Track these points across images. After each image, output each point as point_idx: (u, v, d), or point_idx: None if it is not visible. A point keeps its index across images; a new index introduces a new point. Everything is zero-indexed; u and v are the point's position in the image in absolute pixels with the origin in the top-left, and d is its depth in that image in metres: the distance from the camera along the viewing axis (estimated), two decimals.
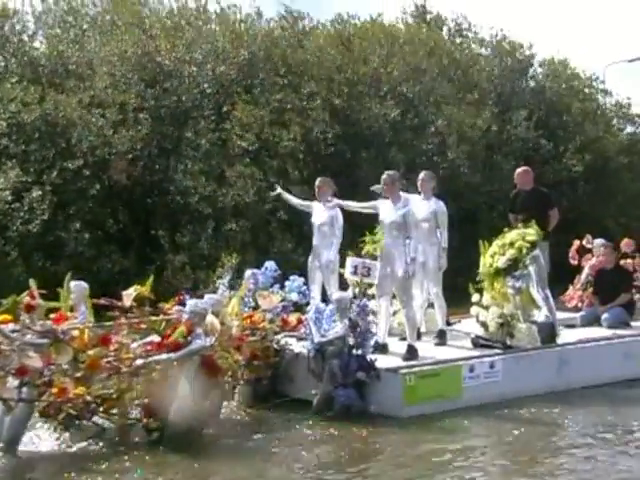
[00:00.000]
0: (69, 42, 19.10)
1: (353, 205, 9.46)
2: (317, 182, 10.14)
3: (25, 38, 19.45)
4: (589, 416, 8.24)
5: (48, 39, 19.66)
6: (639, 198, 25.98)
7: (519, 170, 10.98)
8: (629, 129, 27.41)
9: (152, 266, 16.32)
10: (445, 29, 25.63)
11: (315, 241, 9.85)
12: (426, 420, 7.87)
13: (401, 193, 8.83)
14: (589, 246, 12.18)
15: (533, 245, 9.06)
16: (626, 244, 12.31)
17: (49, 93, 17.30)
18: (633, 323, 10.62)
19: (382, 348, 8.74)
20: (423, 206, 9.33)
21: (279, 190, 10.86)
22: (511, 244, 9.07)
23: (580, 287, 11.79)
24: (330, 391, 7.97)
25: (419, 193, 9.56)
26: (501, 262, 8.99)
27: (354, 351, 8.14)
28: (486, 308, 9.06)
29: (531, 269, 8.98)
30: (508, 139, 22.69)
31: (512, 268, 8.94)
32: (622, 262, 11.71)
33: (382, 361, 8.29)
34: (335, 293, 8.83)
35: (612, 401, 8.62)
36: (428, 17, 25.63)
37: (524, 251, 8.96)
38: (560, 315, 10.56)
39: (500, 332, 8.87)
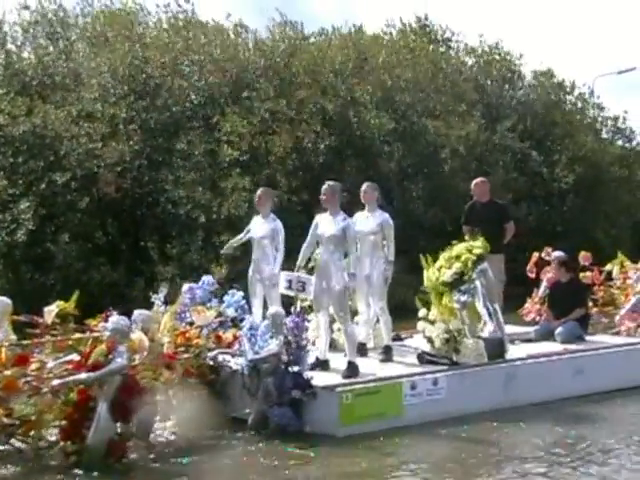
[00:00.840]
0: (57, 53, 19.03)
1: None
2: (258, 192, 9.77)
3: (13, 49, 19.37)
4: (532, 433, 7.98)
5: (36, 50, 19.58)
6: (630, 210, 26.08)
7: (476, 181, 10.81)
8: (620, 142, 27.51)
9: (141, 277, 16.22)
10: (433, 39, 25.66)
11: (255, 255, 9.48)
12: (364, 439, 7.59)
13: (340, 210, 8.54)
14: (548, 259, 11.88)
15: (480, 258, 8.83)
16: (584, 257, 12.14)
17: (37, 105, 17.21)
18: (588, 338, 10.39)
19: (323, 365, 8.47)
20: (368, 219, 9.08)
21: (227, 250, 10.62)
22: (457, 257, 8.87)
23: (538, 300, 11.63)
24: (265, 410, 7.73)
25: (380, 206, 9.31)
26: (447, 276, 8.78)
27: (290, 368, 7.89)
28: (432, 323, 8.81)
29: (478, 283, 8.72)
30: (496, 150, 22.71)
31: (458, 282, 8.73)
32: (582, 275, 11.60)
33: (321, 378, 8.02)
34: (271, 308, 8.51)
35: (557, 418, 8.38)
36: (416, 27, 25.65)
37: (470, 264, 8.74)
38: (518, 329, 10.62)
39: (446, 348, 8.64)
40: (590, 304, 11.34)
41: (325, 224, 8.40)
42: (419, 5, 30.13)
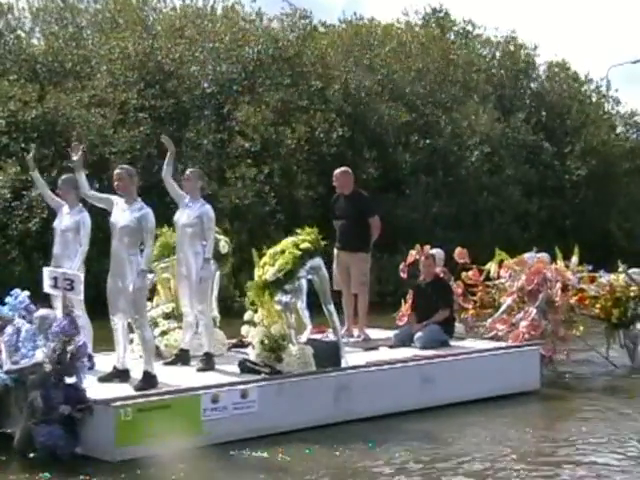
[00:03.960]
0: (67, 40, 18.95)
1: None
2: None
3: (22, 35, 19.28)
4: (349, 453, 6.73)
5: (46, 36, 19.49)
6: None
7: (337, 171, 9.68)
8: (633, 134, 27.31)
9: None
10: (450, 30, 25.49)
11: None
12: (148, 463, 6.32)
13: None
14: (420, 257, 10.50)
15: (309, 254, 7.72)
16: (459, 254, 10.66)
17: (48, 92, 17.15)
18: (454, 342, 9.27)
19: (122, 375, 7.31)
20: (188, 209, 7.96)
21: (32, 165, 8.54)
22: (282, 253, 7.71)
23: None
24: (31, 428, 6.45)
25: (204, 197, 8.12)
26: (269, 274, 7.63)
27: (63, 380, 6.65)
28: (261, 326, 7.82)
29: (303, 282, 7.71)
30: (509, 142, 22.56)
31: (282, 281, 7.63)
32: (463, 274, 10.44)
33: (108, 391, 6.83)
34: (40, 310, 7.26)
35: (384, 433, 7.25)
36: (434, 19, 25.49)
37: (295, 261, 7.63)
38: (384, 334, 9.59)
39: (268, 355, 7.55)
40: (470, 305, 10.28)
41: (118, 212, 7.30)
42: None
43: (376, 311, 10.35)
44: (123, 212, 7.28)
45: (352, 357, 8.31)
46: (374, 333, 9.75)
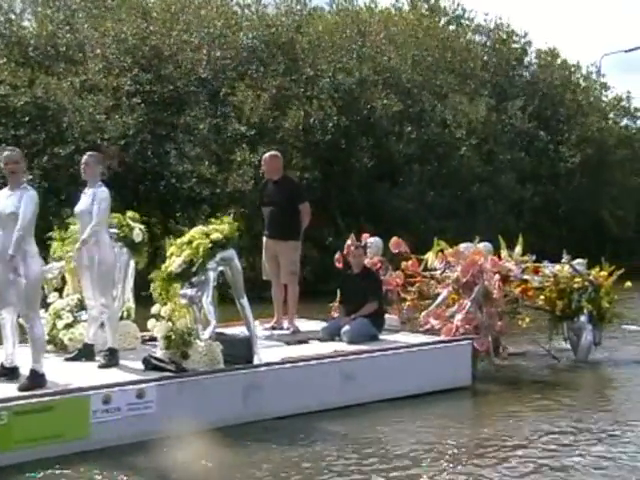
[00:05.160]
0: (59, 22, 18.75)
1: None
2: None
3: (12, 17, 19.06)
4: (259, 456, 6.37)
5: (37, 18, 19.28)
6: (636, 191, 25.91)
7: (266, 156, 9.39)
8: (626, 122, 27.32)
9: None
10: (442, 17, 25.35)
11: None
12: (24, 471, 5.88)
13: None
14: (364, 244, 10.19)
15: (220, 244, 7.34)
16: (394, 244, 10.27)
17: (39, 76, 16.96)
18: (384, 336, 8.86)
19: (10, 373, 6.90)
20: (86, 196, 7.45)
21: None
22: (189, 243, 7.35)
23: None
24: None
25: (104, 181, 7.54)
26: (175, 265, 7.25)
27: None
28: (166, 321, 7.40)
29: (211, 274, 7.29)
30: (504, 130, 22.50)
31: (189, 272, 7.24)
32: (403, 264, 10.10)
33: None
34: None
35: (291, 436, 6.88)
36: (426, 5, 25.34)
37: (202, 252, 7.24)
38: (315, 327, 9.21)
39: (173, 351, 7.16)
40: (410, 297, 9.97)
41: (2, 200, 6.75)
42: None
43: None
44: (7, 199, 6.77)
45: (273, 352, 7.94)
46: (307, 325, 9.34)
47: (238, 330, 7.95)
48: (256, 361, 7.51)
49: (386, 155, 19.65)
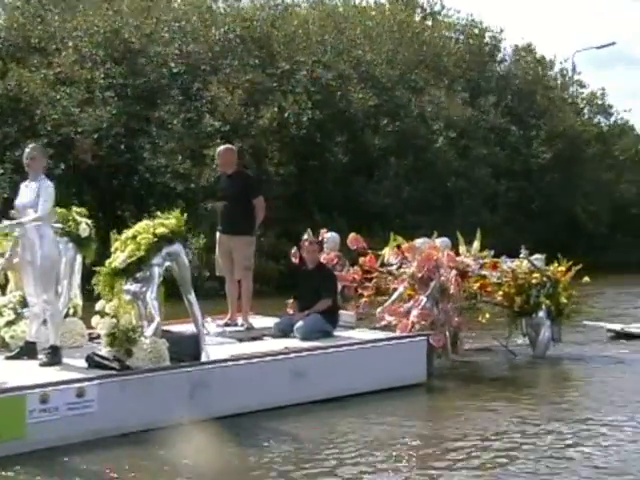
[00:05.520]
0: (31, 15, 18.53)
1: None
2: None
3: None
4: (201, 457, 6.11)
5: (7, 11, 19.04)
6: (609, 187, 26.15)
7: (220, 149, 9.22)
8: (599, 118, 27.55)
9: None
10: (417, 12, 25.40)
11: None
12: None
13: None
14: (321, 239, 10.02)
15: (166, 239, 7.12)
16: (352, 240, 10.04)
17: (11, 68, 16.75)
18: (338, 333, 8.64)
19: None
20: (28, 189, 7.15)
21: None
22: (134, 238, 7.14)
23: None
24: None
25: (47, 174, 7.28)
26: (119, 260, 7.06)
27: None
28: (110, 317, 7.23)
29: (156, 270, 7.09)
30: (478, 125, 22.60)
31: (133, 268, 7.03)
32: (361, 260, 9.94)
33: None
34: None
35: (238, 435, 6.61)
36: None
37: (147, 247, 7.04)
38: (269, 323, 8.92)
39: (117, 348, 6.94)
40: (367, 293, 9.75)
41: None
42: None
43: None
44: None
45: (224, 349, 7.71)
46: (262, 321, 9.12)
47: (187, 327, 7.71)
48: (204, 358, 7.27)
49: (362, 149, 19.67)
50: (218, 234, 9.03)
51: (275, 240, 16.49)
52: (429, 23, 25.12)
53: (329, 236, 10.01)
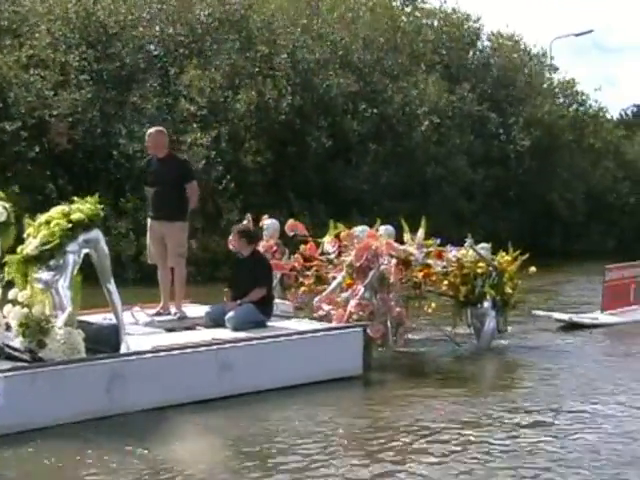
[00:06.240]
0: None
1: None
2: None
3: None
4: (116, 455, 5.72)
5: None
6: (585, 174, 26.28)
7: (150, 130, 8.85)
8: (575, 106, 27.62)
9: None
10: None
11: None
12: None
13: None
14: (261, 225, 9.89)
15: (82, 225, 6.79)
16: (290, 227, 9.71)
17: None
18: (273, 323, 8.35)
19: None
20: None
21: None
22: (47, 223, 6.81)
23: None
24: None
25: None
26: (31, 247, 6.73)
27: None
28: (22, 307, 6.81)
29: (70, 258, 6.75)
30: (455, 112, 22.59)
31: (46, 256, 6.70)
32: (302, 248, 9.61)
33: None
34: None
35: (158, 431, 6.27)
36: None
37: (60, 233, 6.73)
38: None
39: (29, 339, 6.60)
40: (307, 282, 9.46)
41: None
42: None
43: None
44: None
45: (149, 339, 7.39)
46: (198, 310, 8.74)
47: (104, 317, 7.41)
48: (123, 350, 6.93)
49: (340, 134, 19.59)
50: (149, 221, 8.69)
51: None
52: (408, 10, 25.00)
53: (268, 223, 9.74)
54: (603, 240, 26.03)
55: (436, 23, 25.13)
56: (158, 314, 8.54)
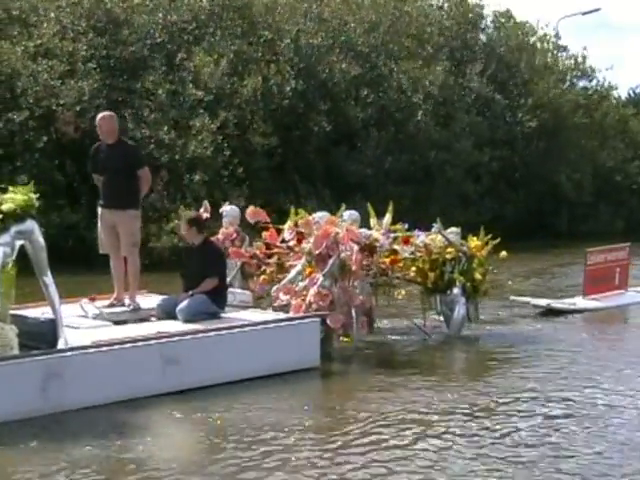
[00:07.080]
0: None
1: None
2: None
3: None
4: (56, 455, 5.54)
5: None
6: (593, 154, 26.21)
7: (100, 115, 8.48)
8: (583, 83, 27.47)
9: None
10: None
11: None
12: None
13: None
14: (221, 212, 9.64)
15: (17, 217, 6.49)
16: (251, 214, 9.33)
17: None
18: (228, 314, 8.09)
19: None
20: None
21: None
22: None
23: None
24: None
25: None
26: None
27: None
28: None
29: (1, 250, 6.41)
30: (461, 94, 22.59)
31: None
32: (264, 235, 9.34)
33: None
34: None
35: (96, 429, 6.06)
36: None
37: None
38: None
39: None
40: (269, 270, 9.18)
41: None
42: None
43: None
44: None
45: (93, 333, 7.10)
46: (153, 301, 8.39)
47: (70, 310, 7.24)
48: (61, 345, 6.59)
49: (343, 120, 19.67)
50: (100, 209, 8.43)
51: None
52: None
53: (228, 209, 9.56)
54: (611, 221, 25.96)
55: (440, 3, 25.06)
56: (111, 305, 8.29)
